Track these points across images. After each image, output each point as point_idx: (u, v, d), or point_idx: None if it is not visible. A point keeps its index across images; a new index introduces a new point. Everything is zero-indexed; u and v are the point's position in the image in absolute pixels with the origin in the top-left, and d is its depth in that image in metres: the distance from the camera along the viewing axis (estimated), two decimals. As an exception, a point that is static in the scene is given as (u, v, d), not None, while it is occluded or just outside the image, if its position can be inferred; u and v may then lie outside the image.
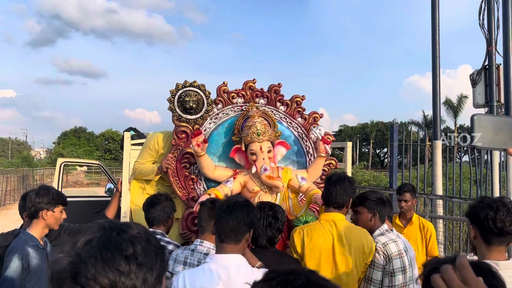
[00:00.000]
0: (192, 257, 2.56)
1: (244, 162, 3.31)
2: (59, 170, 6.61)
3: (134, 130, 6.65)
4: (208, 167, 3.29)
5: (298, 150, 3.55)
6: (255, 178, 3.20)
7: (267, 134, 3.17)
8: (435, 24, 6.42)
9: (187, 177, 3.43)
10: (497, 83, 6.38)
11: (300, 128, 3.55)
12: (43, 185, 3.05)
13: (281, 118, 3.53)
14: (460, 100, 41.37)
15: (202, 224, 2.65)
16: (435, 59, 6.28)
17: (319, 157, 3.28)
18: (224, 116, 3.48)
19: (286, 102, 3.54)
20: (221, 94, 3.47)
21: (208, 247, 2.58)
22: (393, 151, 6.44)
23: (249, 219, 2.06)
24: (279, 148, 3.34)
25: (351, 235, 2.57)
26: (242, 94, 3.49)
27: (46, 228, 2.83)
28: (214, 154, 3.44)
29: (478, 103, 6.60)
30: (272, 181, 3.08)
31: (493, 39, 6.40)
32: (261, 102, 3.52)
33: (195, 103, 3.30)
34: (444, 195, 6.02)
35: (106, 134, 61.64)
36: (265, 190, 3.19)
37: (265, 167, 3.10)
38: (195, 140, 3.13)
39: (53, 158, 46.38)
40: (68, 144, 59.55)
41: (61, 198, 2.90)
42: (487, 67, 6.47)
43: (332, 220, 2.61)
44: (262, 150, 3.13)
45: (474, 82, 6.60)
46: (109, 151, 59.40)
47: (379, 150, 67.66)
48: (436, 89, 6.30)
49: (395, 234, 2.82)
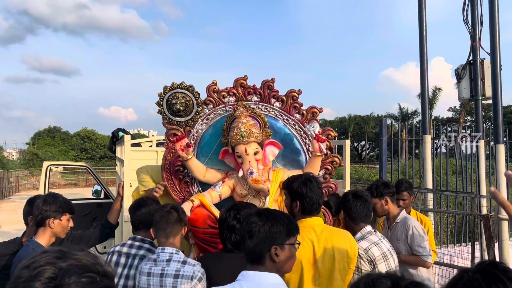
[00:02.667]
0: (156, 267, 2.50)
1: (234, 164, 3.21)
2: (46, 173, 6.44)
3: (122, 130, 6.54)
4: (198, 171, 3.20)
5: (296, 149, 3.37)
6: (244, 182, 3.11)
7: (252, 136, 3.04)
8: (421, 16, 6.47)
9: (181, 180, 3.34)
10: (481, 77, 6.52)
11: (298, 124, 3.36)
12: (51, 192, 2.99)
13: (277, 115, 3.36)
14: (434, 92, 42.24)
15: (165, 230, 2.58)
16: (422, 55, 6.36)
17: (314, 156, 3.12)
18: (215, 117, 3.35)
19: (281, 98, 3.35)
20: (211, 94, 3.34)
21: (171, 252, 2.52)
22: (382, 146, 6.51)
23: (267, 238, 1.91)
24: (270, 148, 3.20)
25: (332, 239, 2.46)
26: (233, 92, 3.34)
27: (53, 237, 2.78)
28: (207, 156, 3.34)
29: (464, 97, 6.73)
30: (258, 185, 2.97)
31: (477, 34, 6.53)
32: (254, 100, 3.35)
33: (182, 106, 3.22)
34: (434, 189, 6.13)
35: (82, 133, 60.42)
36: (253, 193, 3.10)
37: (251, 170, 3.00)
38: (178, 145, 3.06)
39: (27, 159, 45.15)
40: (43, 144, 58.07)
41: (68, 206, 2.85)
42: (472, 62, 6.60)
43: (310, 226, 2.50)
44: (247, 153, 3.01)
45: (459, 77, 6.73)
46: (85, 150, 58.27)
47: (357, 143, 68.59)
48: (424, 84, 6.39)
49: (378, 236, 2.73)
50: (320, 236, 2.44)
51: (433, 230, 4.28)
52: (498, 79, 5.50)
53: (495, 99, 5.51)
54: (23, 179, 33.03)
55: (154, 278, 2.47)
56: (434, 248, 4.15)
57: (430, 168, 6.11)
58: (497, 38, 5.48)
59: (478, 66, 6.50)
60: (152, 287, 2.48)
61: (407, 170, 6.95)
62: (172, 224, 2.58)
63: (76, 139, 60.40)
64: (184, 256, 2.55)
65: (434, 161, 6.76)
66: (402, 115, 52.53)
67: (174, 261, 2.49)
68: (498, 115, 5.44)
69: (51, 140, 61.25)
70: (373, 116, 66.44)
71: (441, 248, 6.29)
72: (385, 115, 58.15)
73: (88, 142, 58.87)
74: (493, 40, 5.55)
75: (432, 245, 4.12)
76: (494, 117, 5.50)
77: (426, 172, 6.08)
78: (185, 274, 2.42)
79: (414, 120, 52.57)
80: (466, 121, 49.16)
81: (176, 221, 2.59)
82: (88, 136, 59.43)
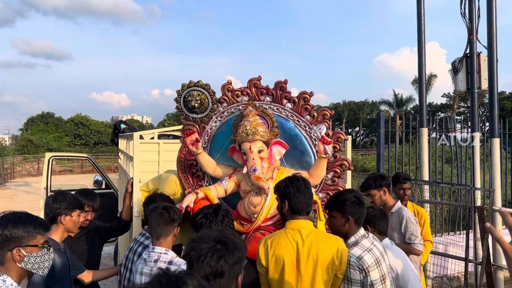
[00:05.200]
0: (146, 267, 2.54)
1: (241, 161, 3.30)
2: (48, 164, 6.50)
3: (124, 123, 6.60)
4: (207, 165, 3.31)
5: (306, 150, 3.40)
6: (247, 178, 3.18)
7: (258, 134, 3.10)
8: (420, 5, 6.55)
9: (194, 174, 3.51)
10: (478, 70, 6.63)
11: (308, 126, 3.42)
12: (59, 190, 3.10)
13: (288, 116, 3.44)
14: (429, 78, 42.33)
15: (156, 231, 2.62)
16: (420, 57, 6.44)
17: (319, 158, 3.12)
18: (229, 115, 3.49)
19: (293, 99, 3.43)
20: (226, 93, 3.48)
21: (159, 252, 2.56)
22: (380, 138, 6.63)
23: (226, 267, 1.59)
24: (276, 147, 3.25)
25: (318, 244, 2.40)
26: (246, 92, 3.47)
27: (66, 232, 2.95)
28: (219, 152, 3.47)
29: (460, 89, 6.83)
30: (259, 182, 3.04)
31: (474, 28, 6.62)
32: (266, 100, 3.46)
33: (197, 103, 3.39)
34: (430, 181, 6.28)
35: (75, 119, 60.17)
36: (256, 190, 3.15)
37: (255, 167, 3.06)
38: (188, 139, 3.20)
39: (21, 145, 44.96)
40: (36, 130, 57.81)
41: (77, 202, 3.00)
42: (469, 55, 6.70)
43: (297, 228, 2.46)
44: (251, 150, 3.09)
45: (456, 70, 6.83)
46: (78, 136, 58.11)
47: (351, 129, 68.89)
48: (421, 77, 6.49)
49: (371, 239, 2.62)
50: (306, 239, 2.41)
51: (429, 222, 4.43)
52: (494, 73, 5.61)
53: (491, 94, 5.63)
54: (18, 165, 32.97)
55: (145, 277, 2.52)
56: (431, 238, 4.31)
57: (426, 160, 6.25)
58: (494, 33, 5.57)
59: (474, 59, 6.59)
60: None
61: (403, 158, 7.09)
62: (162, 225, 2.61)
63: (70, 125, 60.15)
64: (173, 255, 2.56)
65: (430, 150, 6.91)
66: (396, 102, 52.73)
67: (161, 261, 2.52)
68: (494, 109, 5.57)
69: (44, 126, 60.96)
70: (368, 102, 66.64)
71: (435, 237, 6.47)
72: (379, 101, 58.29)
73: (81, 128, 58.66)
74: (490, 35, 5.65)
75: (429, 236, 4.28)
76: (490, 111, 5.63)
77: (423, 164, 6.22)
78: None
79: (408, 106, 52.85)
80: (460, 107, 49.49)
81: (166, 222, 2.62)
82: (82, 122, 59.19)
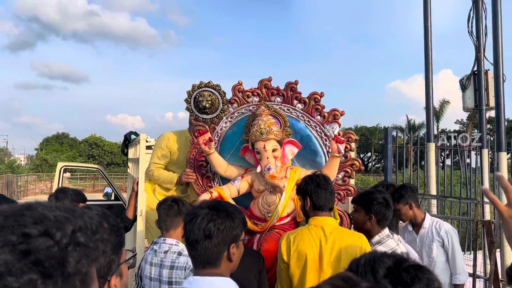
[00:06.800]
0: (156, 257, 2.57)
1: (254, 161, 3.29)
2: (60, 173, 6.65)
3: (134, 134, 6.71)
4: (219, 165, 3.30)
5: (317, 150, 3.39)
6: (261, 178, 3.18)
7: (272, 133, 3.10)
8: (427, 28, 6.67)
9: (204, 175, 3.49)
10: (485, 87, 6.67)
11: (319, 126, 3.39)
12: (60, 188, 3.13)
13: (298, 116, 3.42)
14: (442, 105, 42.22)
15: (165, 223, 2.65)
16: (427, 62, 6.53)
17: (332, 157, 3.12)
18: (239, 115, 3.48)
19: (303, 99, 3.42)
20: (236, 94, 3.47)
21: (170, 243, 2.59)
22: (387, 154, 6.64)
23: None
24: (289, 147, 3.26)
25: (341, 241, 2.38)
26: (257, 92, 3.46)
27: None
28: (229, 153, 3.46)
29: (468, 106, 6.87)
30: (274, 180, 3.03)
31: (482, 45, 6.70)
32: (277, 101, 3.43)
33: (208, 103, 3.37)
34: (438, 195, 6.24)
35: (90, 139, 60.93)
36: (270, 189, 3.16)
37: (269, 166, 3.06)
38: (201, 139, 3.18)
39: (36, 164, 45.64)
40: (51, 150, 58.63)
41: (80, 196, 2.97)
42: (476, 72, 6.76)
43: (320, 225, 2.44)
44: (265, 149, 3.08)
45: (464, 87, 6.88)
46: (92, 157, 58.69)
47: (363, 154, 68.47)
48: (429, 92, 6.54)
49: (396, 240, 2.62)
50: (329, 237, 2.38)
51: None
52: (501, 89, 5.65)
53: (498, 109, 5.65)
54: (31, 184, 33.40)
55: (154, 268, 2.56)
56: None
57: (434, 175, 6.24)
58: (500, 50, 5.64)
59: (482, 77, 6.65)
60: (154, 276, 2.56)
61: (411, 180, 7.06)
62: (171, 217, 2.65)
63: (84, 145, 60.93)
64: (183, 247, 2.58)
65: (439, 172, 6.88)
66: (409, 127, 52.45)
67: (171, 252, 2.56)
68: (501, 125, 5.58)
69: (59, 146, 61.85)
70: (380, 127, 66.42)
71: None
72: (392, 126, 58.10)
73: (95, 148, 59.34)
74: (496, 52, 5.71)
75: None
76: (497, 126, 5.64)
77: (430, 179, 6.20)
78: (179, 265, 2.51)
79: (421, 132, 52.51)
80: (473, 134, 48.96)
81: (175, 214, 2.66)
82: (96, 143, 59.91)
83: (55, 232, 0.63)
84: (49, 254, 0.61)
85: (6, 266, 0.59)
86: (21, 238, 0.61)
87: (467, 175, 7.05)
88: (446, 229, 3.49)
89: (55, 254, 0.62)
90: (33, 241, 0.61)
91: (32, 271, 0.59)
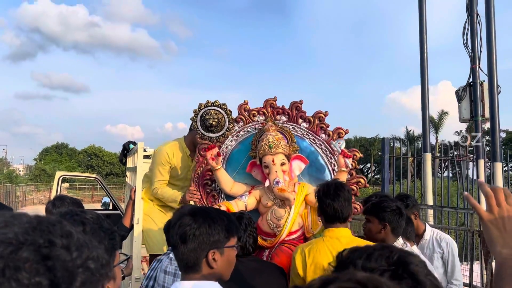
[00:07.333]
0: (171, 266, 2.56)
1: (261, 176, 3.28)
2: (58, 183, 6.67)
3: (133, 143, 6.76)
4: (225, 182, 3.29)
5: (322, 167, 3.41)
6: (269, 192, 3.16)
7: (280, 147, 3.11)
8: (422, 40, 6.77)
9: (209, 194, 3.47)
10: (481, 98, 6.74)
11: (324, 144, 3.44)
12: (58, 195, 3.15)
13: (303, 134, 3.47)
14: (441, 116, 42.42)
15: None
16: (423, 73, 6.61)
17: (339, 171, 3.14)
18: (245, 134, 3.50)
19: (308, 118, 3.48)
20: (242, 112, 3.50)
21: None
22: (384, 163, 6.70)
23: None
24: (296, 162, 3.27)
25: None
26: (262, 111, 3.50)
27: None
28: (234, 171, 3.45)
29: (464, 117, 6.93)
30: (283, 193, 3.01)
31: (477, 57, 6.78)
32: (282, 119, 3.50)
33: (215, 121, 3.39)
34: (435, 205, 6.28)
35: (89, 150, 60.94)
36: (278, 204, 3.14)
37: (278, 180, 3.04)
38: (209, 154, 3.19)
39: (35, 174, 45.62)
40: (50, 160, 58.60)
41: (76, 205, 2.90)
42: (472, 83, 6.83)
43: (336, 237, 2.40)
44: (274, 163, 3.08)
45: (460, 98, 6.95)
46: (91, 167, 58.62)
47: (363, 165, 68.48)
48: (425, 102, 6.62)
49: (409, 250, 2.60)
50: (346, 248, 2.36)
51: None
52: (495, 100, 5.72)
53: (492, 120, 5.71)
54: (29, 194, 33.36)
55: (168, 276, 2.54)
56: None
57: (430, 185, 6.28)
58: (495, 62, 5.72)
59: (477, 88, 6.73)
60: (167, 285, 2.53)
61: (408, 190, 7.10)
62: None
63: (83, 155, 60.90)
64: None
65: (435, 182, 6.93)
66: (408, 138, 52.57)
67: None
68: (496, 135, 5.65)
69: (58, 156, 61.80)
70: (379, 138, 66.52)
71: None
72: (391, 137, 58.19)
73: (95, 159, 59.30)
74: (490, 64, 5.80)
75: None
76: (491, 136, 5.71)
77: (427, 189, 6.24)
78: None
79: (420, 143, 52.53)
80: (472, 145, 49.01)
81: None
82: (95, 153, 59.90)
83: (74, 250, 0.70)
84: (64, 266, 0.67)
85: (25, 262, 0.64)
86: (47, 243, 0.67)
87: (463, 185, 7.10)
88: (447, 240, 3.55)
89: (69, 269, 0.67)
90: (56, 250, 0.67)
91: (45, 276, 0.64)
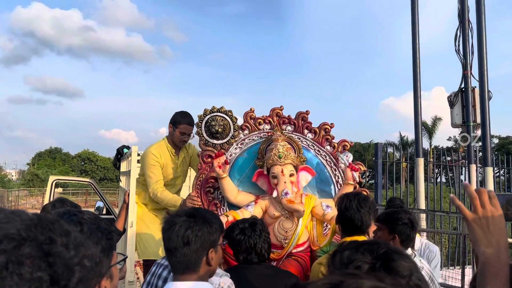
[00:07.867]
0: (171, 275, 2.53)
1: (267, 187, 3.25)
2: (51, 187, 6.64)
3: (127, 147, 6.76)
4: (230, 191, 3.24)
5: (326, 179, 3.42)
6: (276, 203, 3.11)
7: (289, 157, 3.09)
8: (415, 46, 6.84)
9: (211, 202, 3.42)
10: (472, 104, 6.81)
11: (329, 156, 3.43)
12: (58, 197, 3.16)
13: (309, 145, 3.46)
14: (434, 122, 42.69)
15: None
16: (415, 79, 6.69)
17: (346, 184, 3.15)
18: (250, 142, 3.46)
19: (314, 129, 3.48)
20: (248, 120, 3.48)
21: None
22: (377, 168, 6.75)
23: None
24: (303, 173, 3.25)
25: None
26: (268, 120, 3.49)
27: None
28: (238, 180, 3.40)
29: (456, 123, 6.99)
30: (292, 205, 2.96)
31: (468, 63, 6.86)
32: (288, 129, 3.49)
33: (221, 127, 3.36)
34: (427, 209, 6.33)
35: (82, 154, 60.64)
36: (286, 215, 3.10)
37: (286, 191, 3.00)
38: (217, 161, 3.15)
39: (27, 179, 45.29)
40: (43, 165, 58.21)
41: (77, 207, 3.00)
42: (463, 89, 6.91)
43: None
44: (283, 173, 3.04)
45: (452, 104, 7.02)
46: (85, 172, 58.30)
47: (357, 171, 68.60)
48: (417, 108, 6.68)
49: (417, 261, 2.54)
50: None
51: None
52: (486, 106, 5.79)
53: (483, 126, 5.78)
54: (22, 199, 33.08)
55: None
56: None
57: (423, 189, 6.33)
58: (485, 68, 5.80)
59: (469, 94, 6.80)
60: None
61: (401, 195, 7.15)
62: None
63: (77, 160, 60.59)
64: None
65: (428, 186, 6.98)
66: (402, 144, 52.81)
67: None
68: (487, 140, 5.71)
69: (52, 161, 61.41)
70: (373, 144, 66.75)
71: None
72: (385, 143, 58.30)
73: (88, 163, 59.01)
74: (481, 70, 5.88)
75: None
76: (482, 142, 5.77)
77: (419, 194, 6.29)
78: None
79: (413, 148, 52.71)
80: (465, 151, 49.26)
81: None
82: (89, 158, 59.61)
83: (72, 248, 0.74)
84: (64, 263, 0.70)
85: (28, 257, 0.67)
86: (48, 240, 0.70)
87: (456, 190, 7.16)
88: (435, 250, 3.68)
89: (68, 266, 0.71)
90: (56, 247, 0.71)
91: (46, 271, 0.67)
